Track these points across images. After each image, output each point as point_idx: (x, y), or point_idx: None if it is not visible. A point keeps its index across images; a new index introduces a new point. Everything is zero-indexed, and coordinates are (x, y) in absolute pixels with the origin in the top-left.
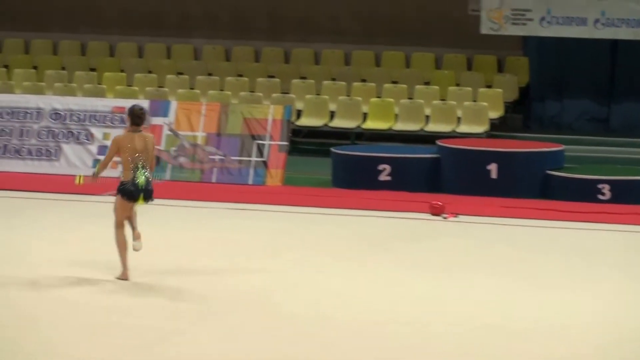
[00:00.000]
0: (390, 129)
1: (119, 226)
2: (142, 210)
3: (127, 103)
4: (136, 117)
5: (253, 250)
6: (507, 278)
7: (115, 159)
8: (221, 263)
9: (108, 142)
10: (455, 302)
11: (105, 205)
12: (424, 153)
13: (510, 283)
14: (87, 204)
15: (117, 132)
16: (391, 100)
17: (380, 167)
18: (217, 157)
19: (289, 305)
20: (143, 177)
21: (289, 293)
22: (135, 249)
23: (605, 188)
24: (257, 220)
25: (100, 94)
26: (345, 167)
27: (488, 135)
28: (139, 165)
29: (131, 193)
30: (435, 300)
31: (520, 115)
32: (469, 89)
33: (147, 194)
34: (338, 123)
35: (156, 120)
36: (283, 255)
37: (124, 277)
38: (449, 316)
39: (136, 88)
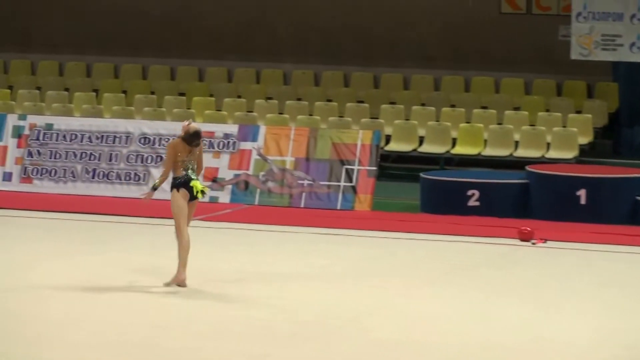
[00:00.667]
0: (479, 154)
1: (181, 227)
2: (230, 233)
3: (216, 128)
4: (196, 137)
5: (341, 275)
6: (596, 304)
7: None
8: (309, 288)
9: None
10: (545, 328)
11: (197, 230)
12: (512, 178)
13: (600, 309)
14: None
15: (206, 156)
16: (480, 125)
17: (469, 192)
18: (305, 182)
19: (379, 331)
20: (194, 175)
21: (377, 318)
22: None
23: None
24: (346, 246)
25: (189, 119)
26: (434, 193)
27: (577, 160)
28: (189, 167)
29: (185, 182)
30: (524, 326)
31: (609, 140)
32: (559, 114)
33: (200, 187)
34: (427, 148)
35: (245, 145)
36: (371, 280)
37: (178, 281)
38: (540, 342)
39: (225, 113)
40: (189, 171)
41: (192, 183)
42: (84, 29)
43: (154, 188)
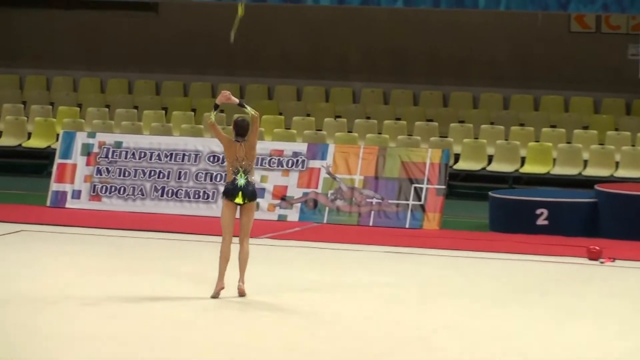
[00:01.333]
0: (548, 173)
1: (224, 237)
2: (298, 251)
3: (286, 146)
4: (239, 128)
5: (408, 294)
6: None
7: None
8: (376, 306)
9: (265, 185)
10: (614, 348)
11: (265, 248)
12: (581, 197)
13: None
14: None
15: (275, 174)
16: (549, 144)
17: (538, 211)
18: (374, 201)
19: (445, 349)
20: (243, 179)
21: (448, 337)
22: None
23: None
24: (414, 264)
25: (259, 137)
26: (503, 211)
27: None
28: (240, 170)
29: (230, 191)
30: (591, 346)
31: None
32: (628, 133)
33: (247, 193)
34: (496, 167)
35: (314, 163)
36: (439, 298)
37: (217, 292)
38: None
39: (294, 131)
40: (238, 176)
41: (237, 200)
42: (153, 47)
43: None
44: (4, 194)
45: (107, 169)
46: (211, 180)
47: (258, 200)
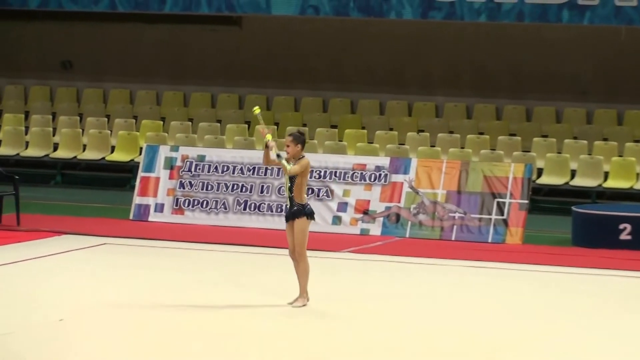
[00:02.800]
0: (631, 188)
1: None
2: (380, 265)
3: (368, 160)
4: (304, 141)
5: (490, 308)
6: None
7: None
8: (456, 320)
9: (348, 199)
10: None
11: (347, 262)
12: None
13: None
14: (324, 260)
15: (358, 188)
16: (633, 159)
17: (621, 226)
18: (457, 215)
19: None
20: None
21: (530, 353)
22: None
23: None
24: (497, 279)
25: (341, 151)
26: (586, 226)
27: None
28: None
29: (313, 213)
30: None
31: None
32: None
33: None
34: (579, 182)
35: (396, 178)
36: (521, 312)
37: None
38: None
39: (377, 145)
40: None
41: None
42: (236, 61)
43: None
44: (88, 207)
45: (189, 182)
46: None
47: (341, 214)
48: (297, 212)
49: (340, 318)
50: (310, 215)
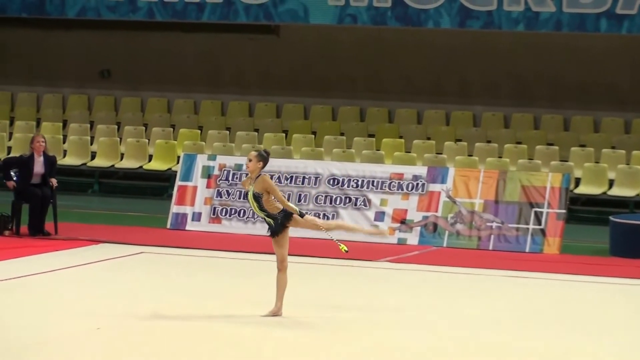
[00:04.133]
0: None
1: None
2: (417, 275)
3: (406, 169)
4: (267, 160)
5: (527, 318)
6: None
7: None
8: (494, 330)
9: (385, 208)
10: None
11: (384, 272)
12: None
13: None
14: (362, 269)
15: (395, 197)
16: None
17: None
18: (494, 225)
19: None
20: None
21: None
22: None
23: None
24: (534, 288)
25: (379, 160)
26: (624, 236)
27: None
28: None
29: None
30: None
31: None
32: None
33: None
34: (617, 191)
35: (434, 187)
36: (559, 323)
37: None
38: None
39: (414, 154)
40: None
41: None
42: (273, 70)
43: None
44: (126, 215)
45: (227, 191)
46: (331, 203)
47: (378, 223)
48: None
49: (382, 328)
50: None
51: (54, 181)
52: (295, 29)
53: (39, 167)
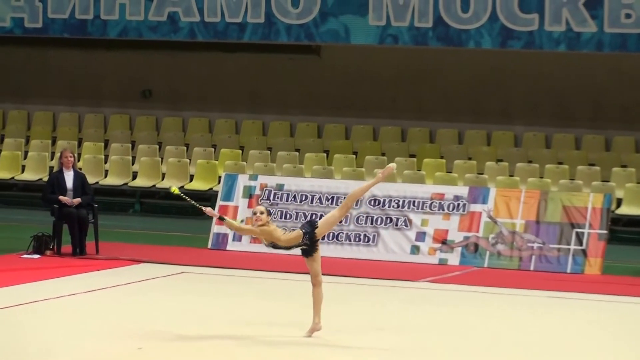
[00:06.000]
0: None
1: None
2: (458, 295)
3: (447, 189)
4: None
5: (569, 340)
6: None
7: None
8: (533, 352)
9: (426, 229)
10: None
11: (425, 292)
12: None
13: None
14: (402, 290)
15: (436, 218)
16: None
17: None
18: (535, 245)
19: None
20: None
21: None
22: None
23: None
24: (576, 309)
25: (420, 180)
26: None
27: None
28: None
29: None
30: None
31: None
32: None
33: None
34: None
35: (475, 207)
36: (600, 344)
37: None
38: None
39: (455, 175)
40: None
41: None
42: (315, 90)
43: (221, 218)
44: (167, 235)
45: (268, 211)
46: (372, 223)
47: (419, 243)
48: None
49: (420, 350)
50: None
51: (75, 201)
52: (337, 49)
53: (69, 182)
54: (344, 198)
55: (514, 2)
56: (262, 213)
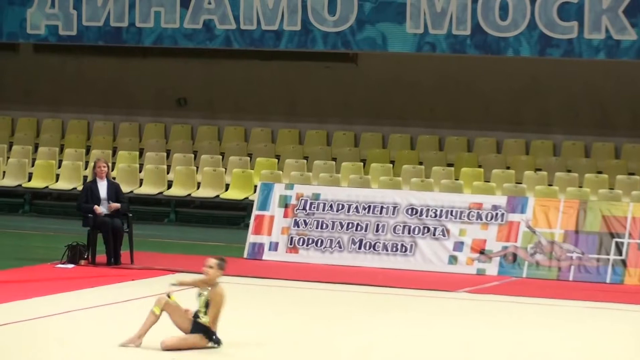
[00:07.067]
0: None
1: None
2: (496, 306)
3: (485, 199)
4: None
5: (608, 351)
6: None
7: None
8: None
9: (464, 238)
10: None
11: (463, 302)
12: None
13: None
14: (440, 300)
15: (474, 227)
16: None
17: None
18: (574, 255)
19: None
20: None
21: None
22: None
23: None
24: (615, 320)
25: (458, 190)
26: None
27: None
28: None
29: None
30: None
31: None
32: None
33: None
34: None
35: (513, 217)
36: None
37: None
38: None
39: (493, 184)
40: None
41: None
42: (351, 99)
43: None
44: (202, 245)
45: (304, 221)
46: (409, 233)
47: (457, 253)
48: (201, 330)
49: None
50: (213, 341)
51: (113, 205)
52: (374, 57)
53: (102, 191)
54: (381, 207)
55: (553, 9)
56: (210, 267)
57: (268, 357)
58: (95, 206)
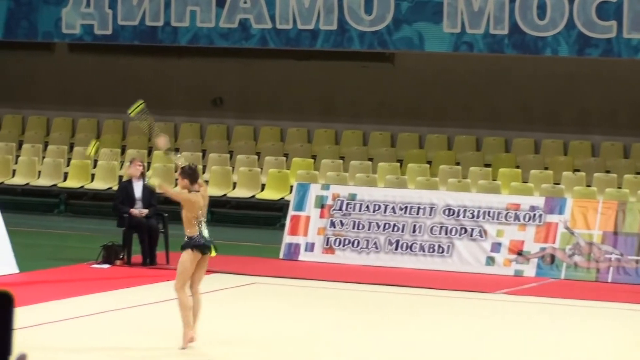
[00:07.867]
0: None
1: (183, 286)
2: (534, 307)
3: (522, 200)
4: (192, 175)
5: None
6: None
7: None
8: None
9: (502, 239)
10: None
11: (501, 304)
12: None
13: None
14: (477, 301)
15: (512, 228)
16: None
17: None
18: (613, 256)
19: None
20: (206, 230)
21: None
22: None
23: None
24: None
25: (495, 190)
26: None
27: None
28: (202, 220)
29: (203, 245)
30: None
31: None
32: None
33: (214, 244)
34: None
35: (551, 218)
36: None
37: (189, 340)
38: None
39: (531, 185)
40: (203, 228)
41: (212, 253)
42: (388, 98)
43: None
44: (238, 245)
45: (340, 221)
46: (446, 234)
47: (494, 254)
48: (183, 245)
49: None
50: (194, 247)
51: (143, 212)
52: (411, 57)
53: (137, 192)
54: (418, 208)
55: (591, 9)
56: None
57: (306, 357)
58: (132, 209)
